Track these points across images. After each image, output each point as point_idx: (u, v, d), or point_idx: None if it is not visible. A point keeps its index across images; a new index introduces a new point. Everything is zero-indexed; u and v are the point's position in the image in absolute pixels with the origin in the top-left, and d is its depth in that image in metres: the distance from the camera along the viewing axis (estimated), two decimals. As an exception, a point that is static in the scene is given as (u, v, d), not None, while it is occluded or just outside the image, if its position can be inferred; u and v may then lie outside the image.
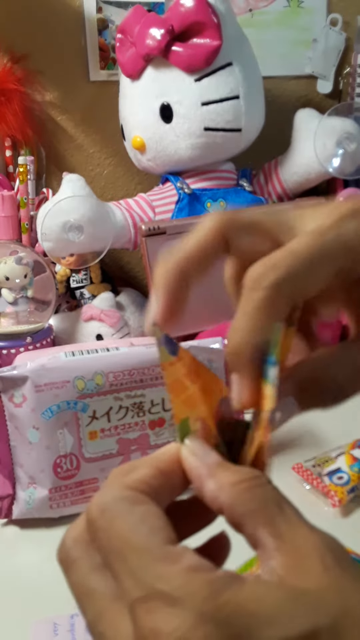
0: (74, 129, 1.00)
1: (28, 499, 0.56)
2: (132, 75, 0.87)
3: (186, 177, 0.89)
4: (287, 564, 0.20)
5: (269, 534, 0.21)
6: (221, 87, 0.83)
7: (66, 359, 0.57)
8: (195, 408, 0.24)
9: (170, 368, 0.24)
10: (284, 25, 1.02)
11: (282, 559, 0.20)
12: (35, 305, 0.83)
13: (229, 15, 0.83)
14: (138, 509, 0.21)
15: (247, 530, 0.21)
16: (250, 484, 0.22)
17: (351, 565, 0.20)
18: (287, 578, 0.19)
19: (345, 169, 0.88)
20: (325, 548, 0.20)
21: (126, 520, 0.21)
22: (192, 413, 0.24)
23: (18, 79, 0.92)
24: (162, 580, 0.19)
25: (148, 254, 0.80)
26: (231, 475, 0.22)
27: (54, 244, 0.82)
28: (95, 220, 0.82)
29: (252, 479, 0.22)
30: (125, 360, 0.58)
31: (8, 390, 0.56)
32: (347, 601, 0.19)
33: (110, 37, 0.97)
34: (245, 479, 0.22)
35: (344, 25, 1.01)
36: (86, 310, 0.86)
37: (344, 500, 0.56)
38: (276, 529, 0.21)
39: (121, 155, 0.99)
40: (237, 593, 0.19)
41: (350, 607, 0.19)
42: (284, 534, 0.20)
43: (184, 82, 0.83)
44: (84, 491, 0.57)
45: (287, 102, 1.04)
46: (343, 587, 0.19)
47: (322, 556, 0.20)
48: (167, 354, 0.23)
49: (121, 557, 0.20)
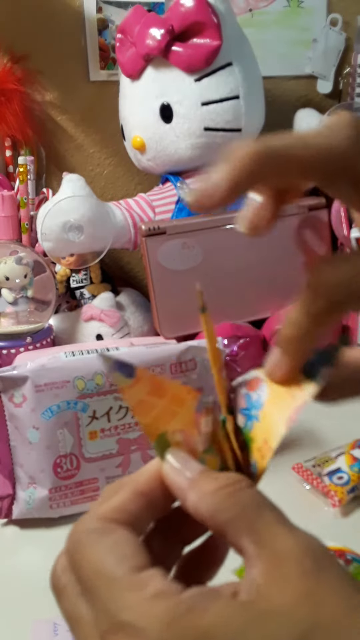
0: (74, 129, 1.00)
1: (28, 499, 0.56)
2: (132, 75, 0.87)
3: (186, 177, 0.89)
4: (265, 572, 0.20)
5: (249, 541, 0.20)
6: (221, 87, 0.83)
7: (66, 359, 0.57)
8: (172, 421, 0.24)
9: (130, 390, 0.23)
10: (284, 25, 1.01)
11: (261, 567, 0.20)
12: (35, 305, 0.83)
13: (229, 15, 0.83)
14: (106, 540, 0.21)
15: (230, 538, 0.21)
16: (229, 491, 0.21)
17: (331, 566, 0.20)
18: (264, 588, 0.19)
19: (345, 169, 0.88)
20: (304, 552, 0.20)
21: (95, 551, 0.21)
22: (168, 426, 0.24)
23: (18, 79, 0.92)
24: (126, 611, 0.19)
25: (148, 254, 0.80)
26: (210, 483, 0.22)
27: (54, 244, 0.82)
28: (95, 220, 0.82)
29: (230, 485, 0.22)
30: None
31: (8, 390, 0.56)
32: (320, 612, 0.19)
33: (110, 37, 0.97)
34: (223, 486, 0.22)
35: (344, 25, 1.01)
36: (86, 310, 0.86)
37: (344, 500, 0.56)
38: (256, 535, 0.20)
39: (121, 155, 0.99)
40: (201, 617, 0.19)
41: (323, 618, 0.19)
42: (264, 539, 0.20)
43: (184, 82, 0.83)
44: (84, 491, 0.57)
45: (287, 102, 1.04)
46: (318, 594, 0.19)
47: (300, 561, 0.20)
48: (122, 378, 0.23)
49: (93, 588, 0.20)
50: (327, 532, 0.20)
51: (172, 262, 0.81)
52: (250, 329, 0.81)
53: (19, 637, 0.45)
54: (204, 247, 0.82)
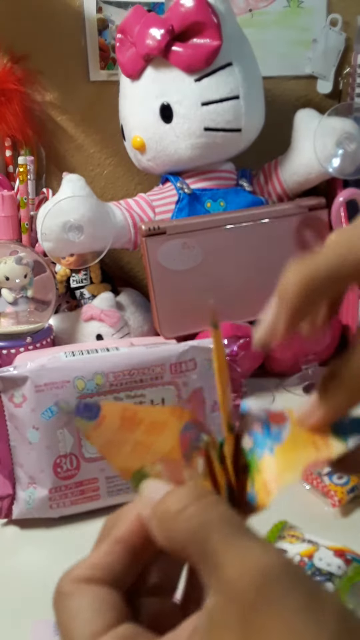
0: (74, 129, 1.00)
1: (28, 499, 0.56)
2: (132, 75, 0.87)
3: (186, 177, 0.89)
4: (212, 608, 0.18)
5: (201, 568, 0.19)
6: (221, 87, 0.83)
7: (66, 359, 0.57)
8: (149, 451, 0.23)
9: (95, 432, 0.22)
10: (284, 26, 1.01)
11: (211, 600, 0.19)
12: (35, 305, 0.83)
13: (229, 15, 0.83)
14: (72, 605, 0.21)
15: (195, 566, 0.20)
16: (178, 509, 0.20)
17: (284, 595, 0.17)
18: (207, 632, 0.18)
19: (345, 169, 0.88)
20: (250, 582, 0.18)
21: (63, 615, 0.22)
22: (146, 458, 0.23)
23: (18, 79, 0.92)
24: None
25: (148, 254, 0.80)
26: (165, 504, 0.21)
27: (54, 244, 0.82)
28: (95, 220, 0.82)
29: (180, 503, 0.20)
30: (125, 360, 0.58)
31: (8, 390, 0.56)
32: None
33: (110, 37, 0.97)
34: (176, 505, 0.20)
35: (343, 26, 1.01)
36: (86, 310, 0.86)
37: (343, 500, 0.56)
38: (205, 562, 0.19)
39: (121, 155, 0.99)
40: None
41: None
42: (214, 566, 0.19)
43: (184, 82, 0.83)
44: (84, 491, 0.57)
45: (287, 102, 1.04)
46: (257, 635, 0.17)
47: (243, 596, 0.18)
48: (85, 422, 0.22)
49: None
50: (327, 532, 0.20)
51: (172, 262, 0.81)
52: (250, 329, 0.81)
53: (19, 638, 0.45)
54: (204, 247, 0.82)
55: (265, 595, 0.17)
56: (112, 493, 0.58)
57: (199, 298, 0.80)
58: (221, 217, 0.84)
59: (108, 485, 0.58)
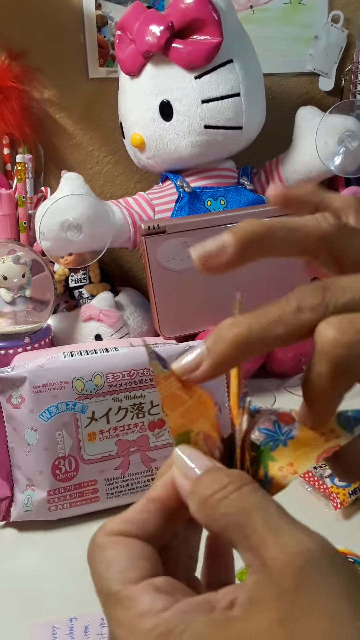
0: (72, 126, 0.99)
1: (26, 501, 0.55)
2: (132, 72, 0.86)
3: (186, 175, 0.88)
4: (254, 586, 0.19)
5: (243, 549, 0.20)
6: (222, 84, 0.82)
7: (65, 359, 0.56)
8: (196, 422, 0.23)
9: (165, 382, 0.23)
10: (285, 22, 1.01)
11: (252, 579, 0.19)
12: (33, 305, 0.82)
13: (229, 12, 0.83)
14: (106, 556, 0.22)
15: (234, 546, 0.20)
16: (221, 495, 0.21)
17: (324, 577, 0.18)
18: (248, 607, 0.19)
19: (347, 167, 0.87)
20: (289, 563, 0.18)
21: (97, 568, 0.22)
22: (192, 426, 0.23)
23: (16, 76, 0.91)
24: (119, 627, 0.20)
25: (147, 253, 0.79)
26: (207, 487, 0.21)
27: (52, 243, 0.81)
28: (94, 219, 0.81)
29: (223, 488, 0.21)
30: (124, 360, 0.57)
31: (6, 391, 0.55)
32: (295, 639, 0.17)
33: (110, 34, 0.96)
34: (217, 489, 0.21)
35: (345, 22, 1.01)
36: (85, 310, 0.85)
37: (345, 502, 0.56)
38: (246, 542, 0.19)
39: (120, 153, 0.99)
40: (179, 638, 0.19)
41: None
42: (255, 546, 0.19)
43: (184, 79, 0.82)
44: (82, 493, 0.57)
45: (288, 100, 1.03)
46: (293, 620, 0.18)
47: (282, 577, 0.18)
48: (160, 368, 0.23)
49: (100, 599, 0.22)
50: (329, 535, 0.19)
51: (172, 261, 0.80)
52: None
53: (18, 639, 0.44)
54: (204, 246, 0.81)
55: (306, 577, 0.18)
56: (111, 495, 0.58)
57: (199, 298, 0.79)
58: (222, 215, 0.83)
59: (107, 488, 0.57)
